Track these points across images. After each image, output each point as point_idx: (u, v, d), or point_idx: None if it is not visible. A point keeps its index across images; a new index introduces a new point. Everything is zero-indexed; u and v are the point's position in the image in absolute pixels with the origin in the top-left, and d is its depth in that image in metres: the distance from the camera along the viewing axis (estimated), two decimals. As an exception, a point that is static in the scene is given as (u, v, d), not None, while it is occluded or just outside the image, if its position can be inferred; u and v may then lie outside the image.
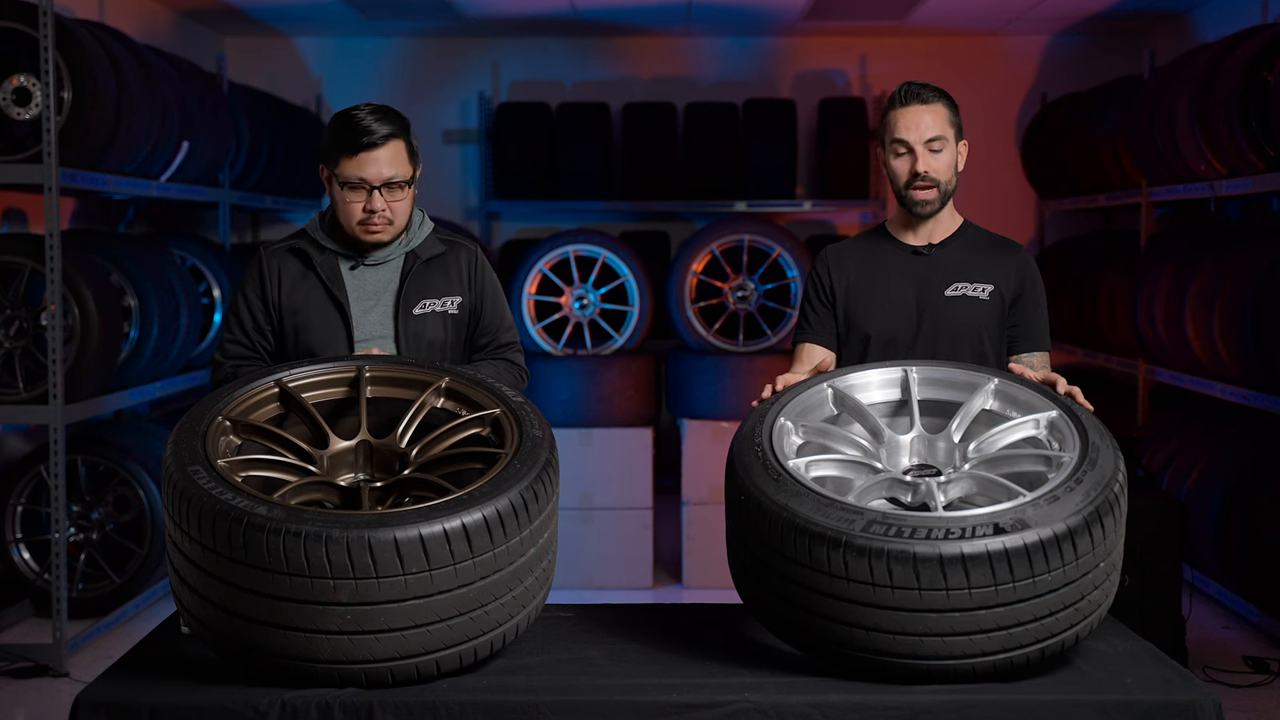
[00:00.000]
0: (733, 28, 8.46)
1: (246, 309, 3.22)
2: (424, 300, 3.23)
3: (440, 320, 3.24)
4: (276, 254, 3.24)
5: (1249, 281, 5.48)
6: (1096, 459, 2.63)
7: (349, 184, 3.12)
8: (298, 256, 3.23)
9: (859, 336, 3.32)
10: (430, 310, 3.23)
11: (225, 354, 3.22)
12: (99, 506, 5.83)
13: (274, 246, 3.27)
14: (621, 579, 6.54)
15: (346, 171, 3.12)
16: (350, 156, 3.11)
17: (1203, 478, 5.98)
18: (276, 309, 3.21)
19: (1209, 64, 5.93)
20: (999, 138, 8.66)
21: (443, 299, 3.24)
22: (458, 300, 3.27)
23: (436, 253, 3.27)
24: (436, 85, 8.61)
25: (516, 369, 3.34)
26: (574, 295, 6.87)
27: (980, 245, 3.35)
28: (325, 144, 3.17)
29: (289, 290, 3.20)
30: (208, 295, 6.79)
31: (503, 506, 2.51)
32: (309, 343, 3.19)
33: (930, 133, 3.22)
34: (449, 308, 3.25)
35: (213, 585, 2.47)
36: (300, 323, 3.19)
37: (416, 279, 3.23)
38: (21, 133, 5.23)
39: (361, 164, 3.11)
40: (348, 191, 3.13)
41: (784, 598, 2.58)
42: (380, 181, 3.12)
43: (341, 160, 3.12)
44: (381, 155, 3.11)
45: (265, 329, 3.22)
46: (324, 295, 3.20)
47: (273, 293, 3.21)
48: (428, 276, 3.25)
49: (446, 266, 3.28)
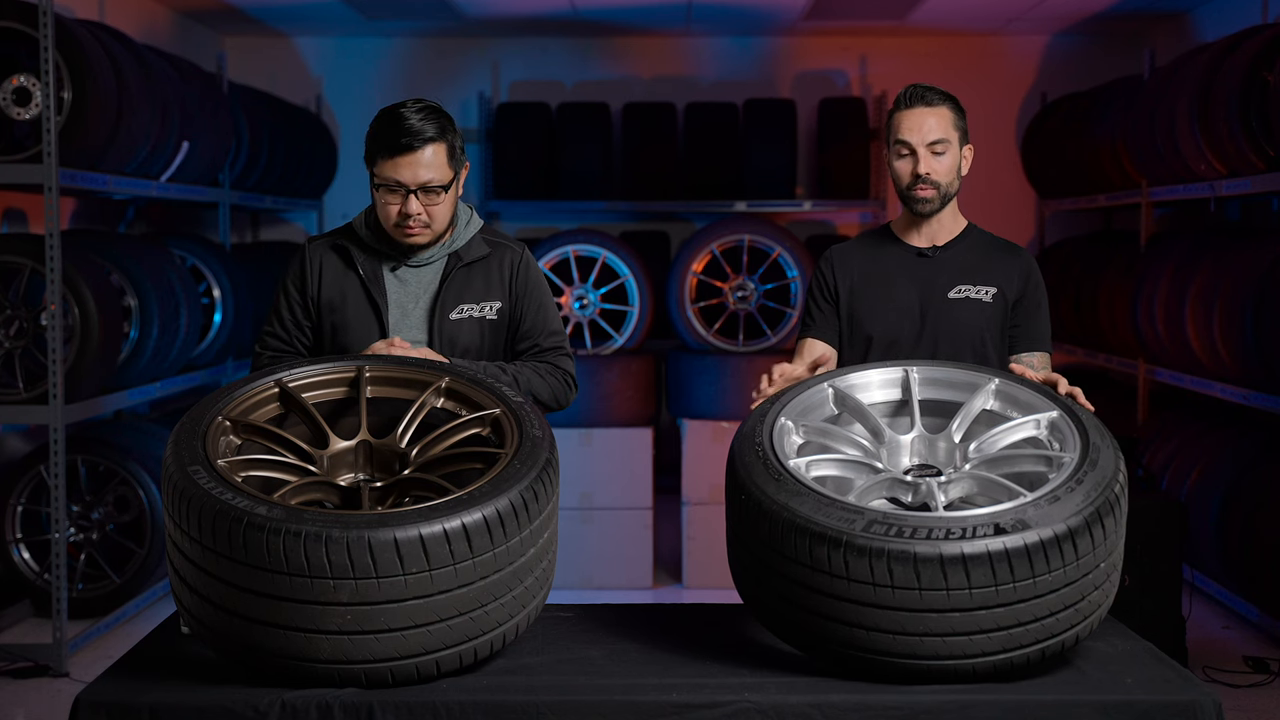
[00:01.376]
0: (733, 28, 8.46)
1: (285, 301, 3.20)
2: (461, 305, 3.18)
3: (476, 325, 3.18)
4: (320, 248, 3.20)
5: (1249, 281, 5.48)
6: (1097, 459, 2.63)
7: (385, 185, 3.07)
8: (340, 253, 3.20)
9: (862, 337, 3.32)
10: (467, 315, 3.17)
11: (264, 345, 3.21)
12: (99, 506, 5.83)
13: (318, 240, 3.23)
14: (621, 579, 6.54)
15: (384, 173, 3.06)
16: (387, 158, 3.04)
17: (1203, 478, 5.98)
18: (315, 304, 3.18)
19: (1209, 64, 5.93)
20: (999, 138, 8.66)
21: (481, 304, 3.18)
22: (496, 305, 3.20)
23: (480, 255, 3.20)
24: (436, 85, 8.61)
25: (561, 373, 3.24)
26: (574, 295, 6.87)
27: (984, 248, 3.35)
28: (370, 143, 3.10)
29: (328, 286, 3.17)
30: (208, 295, 6.79)
31: (503, 506, 2.50)
32: (345, 342, 3.16)
33: (933, 135, 3.23)
34: (487, 312, 3.19)
35: (213, 585, 2.46)
36: (337, 321, 3.17)
37: (456, 283, 3.18)
38: (21, 133, 5.23)
39: (398, 166, 3.04)
40: (385, 193, 3.08)
41: (784, 598, 2.58)
42: (416, 185, 3.05)
43: (379, 161, 3.06)
44: (419, 159, 3.03)
45: (304, 324, 3.19)
46: (362, 295, 3.16)
47: (313, 287, 3.17)
48: (468, 280, 3.19)
49: (489, 269, 3.21)
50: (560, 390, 3.24)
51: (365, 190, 3.35)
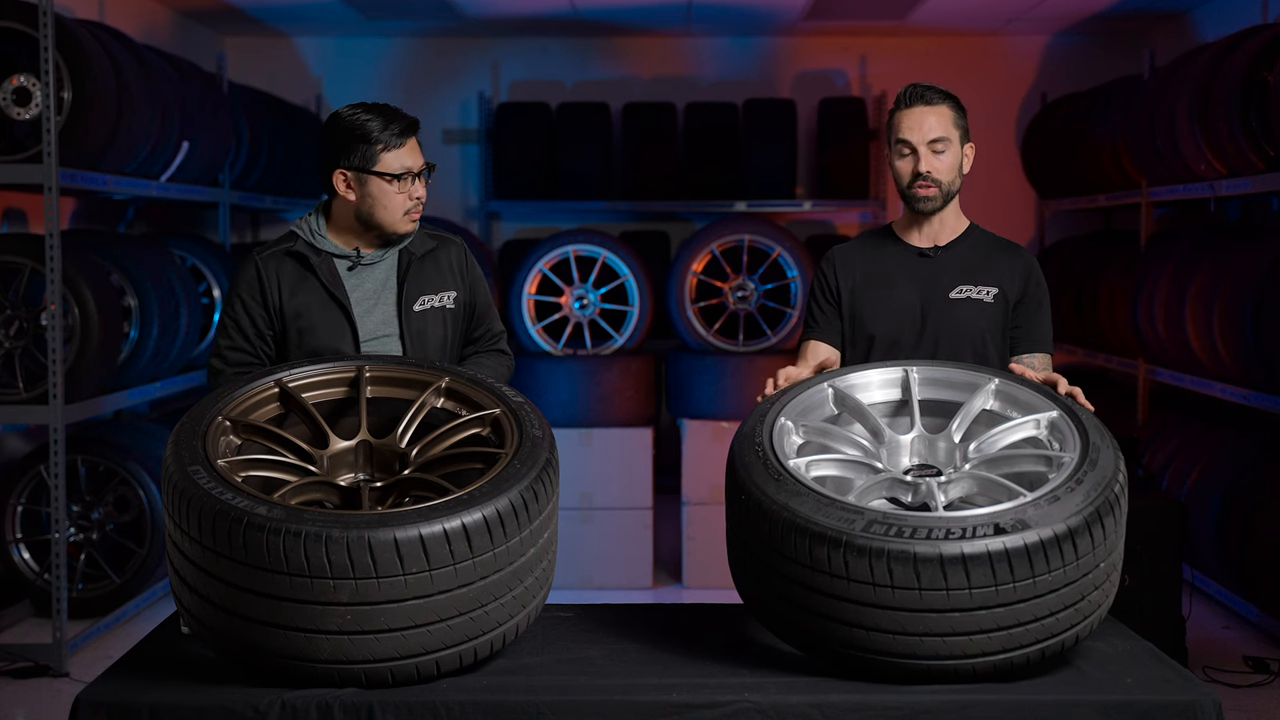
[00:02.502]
0: (733, 28, 8.46)
1: (246, 314, 3.18)
2: (422, 296, 3.25)
3: (440, 316, 3.26)
4: (273, 258, 3.21)
5: (1249, 281, 5.48)
6: (1097, 459, 2.63)
7: (393, 175, 3.15)
8: (294, 259, 3.21)
9: (864, 337, 3.32)
10: (430, 306, 3.25)
11: (226, 361, 3.18)
12: (99, 506, 5.83)
13: (268, 251, 3.23)
14: (621, 579, 6.54)
15: (392, 163, 3.15)
16: (397, 147, 3.15)
17: (1203, 478, 5.98)
18: (279, 314, 3.18)
19: (1209, 64, 5.93)
20: (999, 138, 8.66)
21: (439, 294, 3.27)
22: (453, 295, 3.29)
23: (428, 248, 3.29)
24: (436, 85, 8.61)
25: (508, 359, 3.42)
26: (574, 295, 6.87)
27: (985, 248, 3.35)
28: (355, 142, 3.14)
29: (289, 294, 3.18)
30: (208, 295, 6.79)
31: (503, 506, 2.51)
32: (313, 345, 3.17)
33: (934, 134, 3.23)
34: (446, 302, 3.27)
35: (213, 585, 2.46)
36: (304, 326, 3.17)
37: (414, 276, 3.25)
38: (21, 133, 5.23)
39: (407, 153, 3.16)
40: (393, 183, 3.16)
41: (784, 598, 2.58)
42: (419, 168, 3.18)
43: (383, 155, 3.14)
44: (417, 144, 3.20)
45: (266, 334, 3.19)
46: (326, 297, 3.18)
47: (273, 297, 3.18)
48: (422, 273, 3.26)
49: (439, 262, 3.30)
50: (511, 372, 3.41)
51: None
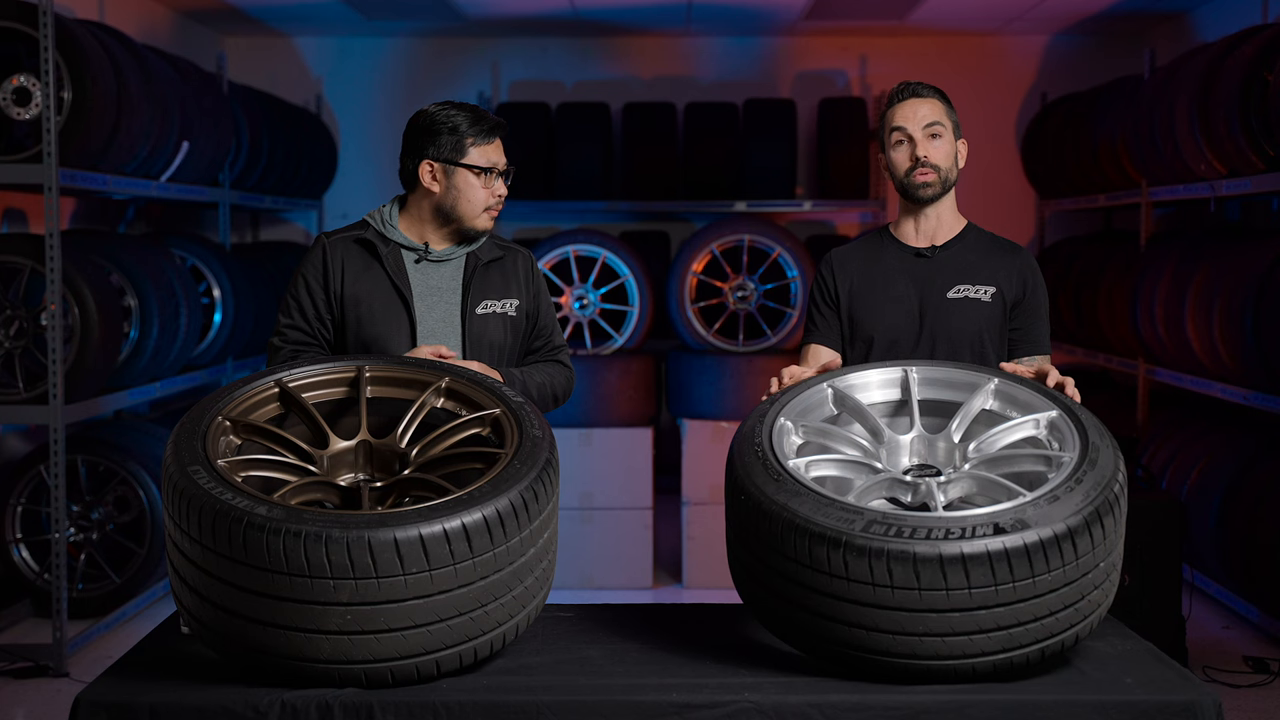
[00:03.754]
0: (732, 28, 8.46)
1: (308, 295, 3.25)
2: (485, 300, 3.29)
3: (501, 322, 3.30)
4: (340, 242, 3.27)
5: (1249, 281, 5.48)
6: (1096, 459, 2.63)
7: (480, 169, 3.22)
8: (362, 246, 3.27)
9: (863, 338, 3.33)
10: (491, 311, 3.29)
11: (284, 339, 3.25)
12: (99, 506, 5.83)
13: (336, 235, 3.30)
14: (621, 579, 6.54)
15: (479, 158, 3.23)
16: (486, 143, 3.23)
17: (1203, 478, 5.98)
18: (339, 299, 3.24)
19: (1209, 64, 5.93)
20: (999, 138, 8.66)
21: (502, 300, 3.31)
22: (515, 303, 3.34)
23: (495, 256, 3.34)
24: (436, 85, 8.61)
25: (568, 371, 3.45)
26: (574, 295, 6.87)
27: (983, 247, 3.35)
28: (445, 134, 3.22)
29: (352, 280, 3.24)
30: (208, 295, 6.80)
31: (503, 506, 2.50)
32: (371, 333, 3.22)
33: (928, 119, 3.25)
34: (508, 309, 3.32)
35: (213, 585, 2.46)
36: (363, 313, 3.23)
37: (478, 279, 3.30)
38: (21, 133, 5.23)
39: (495, 149, 3.25)
40: (480, 177, 3.23)
41: (784, 598, 2.58)
42: (504, 166, 3.27)
43: (472, 149, 3.23)
44: (501, 143, 3.28)
45: (326, 317, 3.25)
46: (389, 288, 3.24)
47: (335, 282, 3.23)
48: (487, 278, 3.32)
49: (505, 269, 3.35)
50: (570, 385, 3.45)
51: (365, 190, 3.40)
